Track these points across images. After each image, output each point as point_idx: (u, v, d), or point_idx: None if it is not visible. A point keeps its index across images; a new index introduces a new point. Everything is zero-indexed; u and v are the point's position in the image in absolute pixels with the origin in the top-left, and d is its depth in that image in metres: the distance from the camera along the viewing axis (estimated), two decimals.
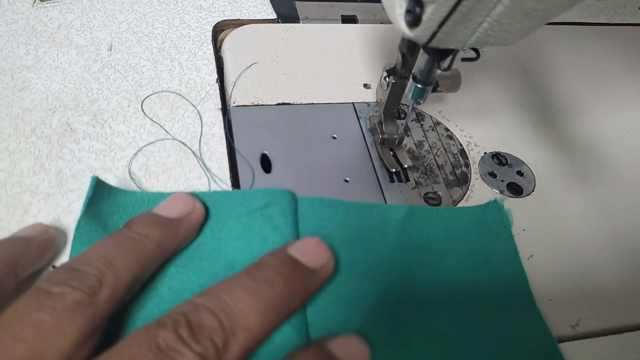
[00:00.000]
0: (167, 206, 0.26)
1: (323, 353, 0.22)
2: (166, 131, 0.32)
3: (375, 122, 0.34)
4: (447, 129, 0.36)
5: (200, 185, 0.30)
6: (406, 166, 0.32)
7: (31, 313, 0.19)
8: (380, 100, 0.33)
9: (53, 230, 0.26)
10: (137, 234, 0.24)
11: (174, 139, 0.32)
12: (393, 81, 0.31)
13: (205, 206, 0.27)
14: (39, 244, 0.25)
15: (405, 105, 0.36)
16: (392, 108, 0.33)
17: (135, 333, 0.20)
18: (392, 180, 0.32)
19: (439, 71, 0.27)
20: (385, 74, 0.31)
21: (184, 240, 0.26)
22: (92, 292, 0.20)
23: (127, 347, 0.19)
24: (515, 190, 0.34)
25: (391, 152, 0.33)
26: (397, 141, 0.33)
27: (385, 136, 0.33)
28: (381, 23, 0.44)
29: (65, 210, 0.28)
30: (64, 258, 0.26)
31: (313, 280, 0.24)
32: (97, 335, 0.21)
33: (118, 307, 0.22)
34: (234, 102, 0.35)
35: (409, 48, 0.28)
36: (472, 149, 0.35)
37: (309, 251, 0.24)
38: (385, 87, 0.32)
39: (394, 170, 0.32)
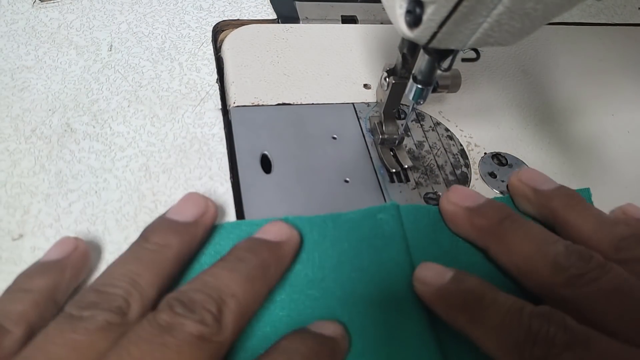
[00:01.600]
0: (180, 209, 0.26)
1: (303, 333, 0.24)
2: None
3: (375, 122, 0.34)
4: (447, 129, 0.36)
5: (201, 185, 0.30)
6: (406, 166, 0.32)
7: (64, 335, 0.20)
8: (380, 100, 0.33)
9: (83, 244, 0.25)
10: (156, 245, 0.24)
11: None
12: (393, 81, 0.31)
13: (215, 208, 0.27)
14: (73, 265, 0.24)
15: (405, 105, 0.36)
16: (392, 108, 0.33)
17: (137, 324, 0.21)
18: (392, 181, 0.32)
19: (439, 71, 0.27)
20: (385, 74, 0.31)
21: (199, 244, 0.26)
22: (122, 312, 0.21)
23: (134, 332, 0.20)
24: None
25: (391, 153, 0.33)
26: (397, 141, 0.33)
27: (386, 136, 0.33)
28: (381, 23, 0.44)
29: (65, 211, 0.28)
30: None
31: (280, 249, 0.25)
32: None
33: None
34: (234, 103, 0.35)
35: (409, 48, 0.28)
36: (472, 149, 0.35)
37: (270, 230, 0.26)
38: (386, 88, 0.32)
39: (394, 170, 0.32)
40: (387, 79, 0.31)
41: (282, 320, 0.25)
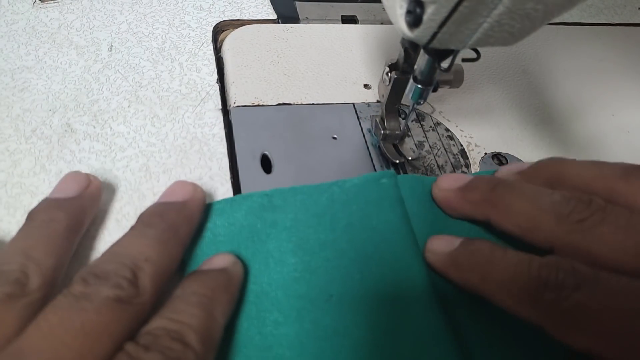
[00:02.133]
0: (62, 188, 0.26)
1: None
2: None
3: (377, 118, 0.34)
4: (447, 130, 0.36)
5: (201, 185, 0.30)
6: (410, 158, 0.32)
7: None
8: (382, 96, 0.33)
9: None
10: (42, 221, 0.24)
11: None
12: (395, 76, 0.31)
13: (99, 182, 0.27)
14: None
15: (406, 105, 0.36)
16: (394, 104, 0.33)
17: (52, 300, 0.21)
18: None
19: (439, 71, 0.27)
20: (387, 69, 0.31)
21: (90, 215, 0.26)
22: (21, 284, 0.21)
23: (50, 305, 0.20)
24: None
25: (393, 149, 0.33)
26: (399, 138, 0.33)
27: (388, 132, 0.33)
28: (381, 23, 0.44)
29: None
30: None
31: (187, 209, 0.26)
32: None
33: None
34: (234, 103, 0.35)
35: (412, 43, 0.28)
36: (473, 150, 0.35)
37: (174, 191, 0.27)
38: (387, 83, 0.31)
39: (397, 161, 0.32)
40: (389, 74, 0.31)
41: (296, 283, 0.25)
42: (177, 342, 0.20)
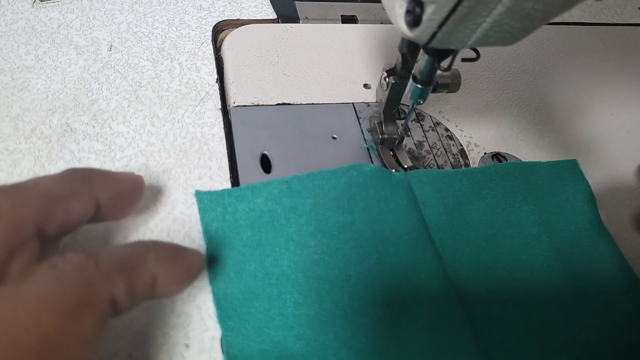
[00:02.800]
0: None
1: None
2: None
3: (375, 122, 0.34)
4: (447, 129, 0.36)
5: (200, 185, 0.30)
6: (406, 167, 0.32)
7: None
8: (380, 100, 0.33)
9: None
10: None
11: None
12: (393, 81, 0.31)
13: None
14: None
15: (406, 105, 0.36)
16: (392, 108, 0.33)
17: None
18: None
19: (439, 71, 0.27)
20: (385, 74, 0.31)
21: None
22: None
23: None
24: None
25: (391, 153, 0.33)
26: (397, 142, 0.33)
27: (385, 136, 0.33)
28: (381, 23, 0.44)
29: None
30: None
31: (115, 173, 0.25)
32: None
33: None
34: (234, 102, 0.35)
35: (409, 49, 0.28)
36: (472, 149, 0.35)
37: None
38: (385, 88, 0.32)
39: (394, 170, 0.32)
40: (387, 79, 0.31)
41: (315, 265, 0.26)
42: (79, 255, 0.18)
